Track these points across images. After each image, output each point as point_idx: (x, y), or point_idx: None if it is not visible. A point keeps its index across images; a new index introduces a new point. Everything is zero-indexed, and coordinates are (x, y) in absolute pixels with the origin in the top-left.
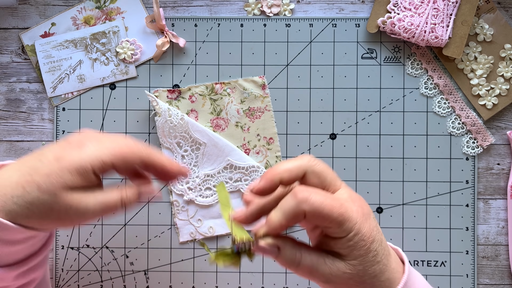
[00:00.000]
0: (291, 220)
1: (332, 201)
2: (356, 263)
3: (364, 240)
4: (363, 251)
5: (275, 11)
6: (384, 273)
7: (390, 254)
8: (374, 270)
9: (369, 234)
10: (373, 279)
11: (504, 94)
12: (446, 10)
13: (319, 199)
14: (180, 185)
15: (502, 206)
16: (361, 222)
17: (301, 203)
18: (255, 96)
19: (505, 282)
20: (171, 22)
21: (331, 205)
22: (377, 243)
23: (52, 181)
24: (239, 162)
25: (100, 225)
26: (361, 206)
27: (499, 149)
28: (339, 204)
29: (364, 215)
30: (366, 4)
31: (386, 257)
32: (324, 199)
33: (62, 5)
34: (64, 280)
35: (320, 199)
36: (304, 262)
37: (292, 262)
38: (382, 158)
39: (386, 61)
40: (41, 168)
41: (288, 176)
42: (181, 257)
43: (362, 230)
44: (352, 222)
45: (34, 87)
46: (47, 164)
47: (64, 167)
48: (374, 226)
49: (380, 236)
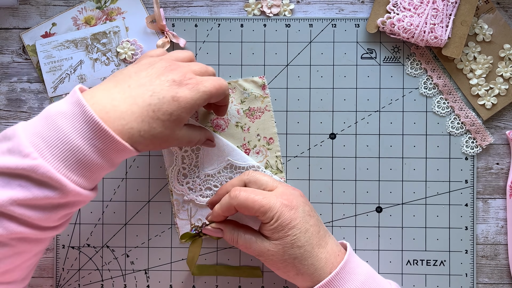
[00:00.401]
0: (225, 211)
1: (255, 196)
2: (277, 243)
3: (282, 226)
4: (281, 234)
5: (275, 12)
6: (308, 259)
7: (322, 246)
8: (294, 252)
9: (288, 221)
10: (294, 260)
11: (503, 94)
12: (446, 10)
13: (244, 195)
14: (180, 185)
15: (501, 205)
16: (282, 211)
17: (231, 199)
18: (255, 96)
19: (504, 282)
20: (172, 22)
21: (253, 199)
22: (298, 231)
23: (174, 120)
24: (240, 162)
25: (101, 224)
26: (289, 200)
27: (498, 148)
28: (261, 198)
29: (288, 206)
30: (366, 5)
31: (312, 246)
32: (248, 196)
33: (62, 5)
34: (65, 279)
35: (244, 196)
36: (240, 240)
37: (231, 240)
38: (382, 158)
39: (386, 61)
40: (163, 107)
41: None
42: (181, 256)
43: (281, 217)
44: (273, 212)
45: (35, 87)
46: (168, 104)
47: (182, 108)
48: (298, 217)
49: (306, 226)
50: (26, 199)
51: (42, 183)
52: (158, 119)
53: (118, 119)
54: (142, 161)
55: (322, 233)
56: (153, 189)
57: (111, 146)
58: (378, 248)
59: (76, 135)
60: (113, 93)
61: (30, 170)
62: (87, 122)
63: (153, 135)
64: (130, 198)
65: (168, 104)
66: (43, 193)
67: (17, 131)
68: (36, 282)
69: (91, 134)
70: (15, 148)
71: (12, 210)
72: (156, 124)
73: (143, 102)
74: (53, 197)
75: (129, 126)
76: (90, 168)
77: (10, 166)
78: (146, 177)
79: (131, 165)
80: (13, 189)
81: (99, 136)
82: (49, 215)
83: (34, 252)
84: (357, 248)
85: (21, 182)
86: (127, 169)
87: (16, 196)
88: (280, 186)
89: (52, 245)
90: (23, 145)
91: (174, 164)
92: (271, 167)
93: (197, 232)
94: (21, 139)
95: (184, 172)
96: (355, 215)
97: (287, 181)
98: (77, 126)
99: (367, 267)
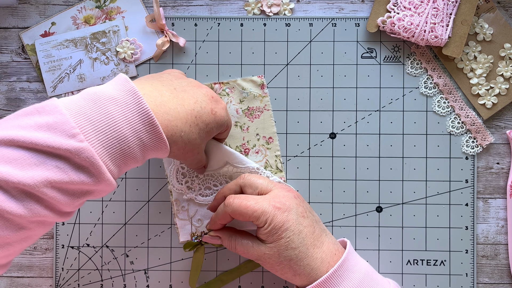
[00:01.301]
0: (222, 219)
1: (248, 202)
2: (272, 246)
3: (275, 229)
4: (275, 237)
5: (275, 11)
6: (303, 260)
7: (317, 246)
8: (289, 254)
9: (281, 224)
10: (290, 262)
11: (503, 94)
12: (446, 9)
13: (237, 202)
14: (179, 184)
15: (501, 205)
16: (274, 215)
17: (225, 207)
18: (254, 96)
19: (504, 281)
20: (171, 22)
21: (246, 205)
22: (292, 233)
23: (208, 131)
24: (239, 165)
25: (100, 224)
26: (281, 202)
27: (499, 148)
28: (254, 203)
29: (280, 209)
30: (366, 4)
31: (307, 247)
32: (241, 202)
33: (62, 4)
34: (65, 279)
35: (238, 203)
36: (238, 246)
37: (229, 246)
38: (382, 158)
39: (386, 60)
40: (203, 116)
41: (229, 192)
42: (181, 256)
43: (274, 221)
44: (266, 216)
45: (34, 86)
46: (207, 115)
47: (216, 122)
48: (291, 219)
49: (300, 228)
50: (61, 182)
51: (81, 167)
52: (197, 126)
53: (165, 114)
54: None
55: (317, 233)
56: (153, 189)
57: (153, 142)
58: (378, 248)
59: (126, 124)
60: (162, 90)
61: (74, 152)
62: (139, 114)
63: (190, 140)
64: (130, 198)
65: (207, 115)
66: (80, 178)
67: (59, 107)
68: (36, 282)
69: (141, 125)
70: (58, 126)
71: (44, 192)
72: (195, 130)
73: (188, 106)
74: (88, 183)
75: (174, 124)
76: (127, 160)
77: (51, 145)
78: (145, 177)
79: None
80: (48, 170)
81: (148, 129)
82: (76, 200)
83: (37, 237)
84: (357, 248)
85: (59, 163)
86: None
87: (52, 178)
88: (275, 189)
89: (52, 245)
90: (69, 124)
91: (173, 164)
92: (271, 166)
93: (199, 241)
94: (65, 117)
95: (183, 171)
96: (355, 215)
97: (287, 180)
98: (129, 115)
99: (366, 265)
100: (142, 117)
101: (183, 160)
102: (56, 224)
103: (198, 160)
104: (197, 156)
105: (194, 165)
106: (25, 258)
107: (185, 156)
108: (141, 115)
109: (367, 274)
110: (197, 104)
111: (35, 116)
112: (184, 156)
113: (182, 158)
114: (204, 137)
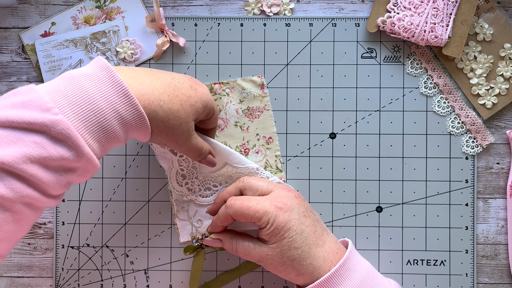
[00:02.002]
0: (223, 221)
1: (249, 203)
2: (274, 246)
3: (278, 229)
4: (278, 237)
5: (275, 11)
6: (306, 259)
7: (319, 245)
8: (292, 254)
9: (283, 224)
10: (293, 262)
11: (503, 94)
12: (446, 9)
13: (239, 203)
14: (179, 185)
15: (501, 205)
16: (276, 215)
17: (227, 208)
18: (254, 96)
19: (504, 281)
20: (171, 22)
21: (248, 206)
22: (294, 232)
23: (191, 104)
24: (238, 166)
25: (101, 224)
26: (283, 202)
27: (499, 148)
28: (255, 204)
29: (282, 209)
30: (366, 4)
31: (309, 246)
32: (242, 203)
33: (62, 4)
34: (65, 279)
35: (239, 204)
36: (239, 248)
37: (231, 249)
38: (382, 158)
39: (386, 60)
40: (182, 89)
41: (228, 196)
42: (181, 256)
43: (276, 221)
44: (268, 216)
45: None
46: (187, 89)
47: (198, 97)
48: (293, 219)
49: (302, 227)
50: (40, 158)
51: (59, 141)
52: (177, 97)
53: (140, 85)
54: (141, 161)
55: (319, 232)
56: (153, 189)
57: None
58: (378, 248)
59: (100, 96)
60: (136, 69)
61: (49, 125)
62: (113, 85)
63: (172, 110)
64: (130, 198)
65: (186, 89)
66: (58, 152)
67: (34, 87)
68: (36, 282)
69: (115, 97)
70: (32, 102)
71: (24, 169)
72: (175, 100)
73: (164, 80)
74: (67, 158)
75: (150, 93)
76: (106, 134)
77: (26, 120)
78: (145, 177)
79: (131, 165)
80: (26, 146)
81: (123, 100)
82: (59, 178)
83: (28, 224)
84: (357, 248)
85: (37, 138)
86: (127, 169)
87: (30, 153)
88: (275, 189)
89: (52, 245)
90: (43, 99)
91: (172, 167)
92: (271, 166)
93: (199, 244)
94: (40, 94)
95: (183, 173)
96: (355, 215)
97: (287, 181)
98: (102, 88)
99: (367, 265)
100: (115, 88)
101: (177, 146)
102: (56, 224)
103: (194, 144)
104: (188, 136)
105: (193, 152)
106: (25, 258)
107: (174, 135)
108: (114, 86)
109: (368, 273)
110: (174, 80)
111: (10, 97)
112: (172, 135)
113: (171, 138)
114: (190, 111)
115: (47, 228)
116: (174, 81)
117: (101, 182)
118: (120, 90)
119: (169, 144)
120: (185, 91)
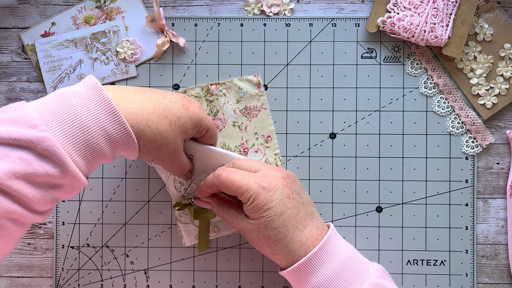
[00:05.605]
0: (209, 188)
1: (235, 177)
2: (253, 222)
3: (257, 207)
4: (257, 215)
5: (275, 11)
6: (282, 241)
7: (299, 229)
8: (268, 233)
9: (264, 203)
10: (268, 240)
11: (503, 94)
12: (446, 9)
13: (225, 175)
14: (178, 191)
15: (501, 205)
16: (258, 193)
17: (214, 177)
18: (251, 95)
19: (504, 281)
20: (171, 22)
21: (232, 179)
22: (273, 213)
23: (180, 125)
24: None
25: (101, 224)
26: (268, 182)
27: (499, 148)
28: (240, 179)
29: (266, 189)
30: (366, 4)
31: (287, 229)
32: (228, 176)
33: (62, 4)
34: (65, 279)
35: (225, 175)
36: (225, 216)
37: (218, 213)
38: (382, 158)
39: (386, 60)
40: (173, 109)
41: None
42: (181, 256)
43: (257, 199)
44: (249, 193)
45: (34, 86)
46: (177, 108)
47: (190, 117)
48: (275, 199)
49: (283, 209)
50: (26, 174)
51: (45, 158)
52: (166, 118)
53: (129, 104)
54: (141, 161)
55: (301, 216)
56: (153, 189)
57: (118, 133)
58: (378, 248)
59: (88, 114)
60: (128, 88)
61: (35, 141)
62: (101, 104)
63: (160, 131)
64: (130, 198)
65: (177, 108)
66: (44, 168)
67: (24, 104)
68: (36, 282)
69: (103, 115)
70: (20, 119)
71: (8, 184)
72: (164, 121)
73: (156, 99)
74: (53, 174)
75: (139, 113)
76: (92, 152)
77: (13, 136)
78: (145, 177)
79: (131, 165)
80: (12, 162)
81: (111, 119)
82: (44, 194)
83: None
84: (357, 248)
85: (22, 154)
86: (127, 169)
87: (15, 169)
88: (264, 168)
89: (52, 245)
90: (31, 116)
91: (169, 175)
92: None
93: (189, 202)
94: (28, 111)
95: (180, 180)
96: (355, 215)
97: None
98: (91, 106)
99: (349, 248)
100: (103, 107)
101: (162, 163)
102: (56, 224)
103: (179, 163)
104: (175, 156)
105: (176, 170)
106: (25, 258)
107: (160, 154)
108: (103, 105)
109: (349, 256)
110: (166, 99)
111: (0, 114)
112: (159, 154)
113: (157, 157)
114: (178, 133)
115: (47, 228)
116: (165, 100)
117: (101, 182)
118: (108, 109)
119: (155, 161)
120: (176, 111)
